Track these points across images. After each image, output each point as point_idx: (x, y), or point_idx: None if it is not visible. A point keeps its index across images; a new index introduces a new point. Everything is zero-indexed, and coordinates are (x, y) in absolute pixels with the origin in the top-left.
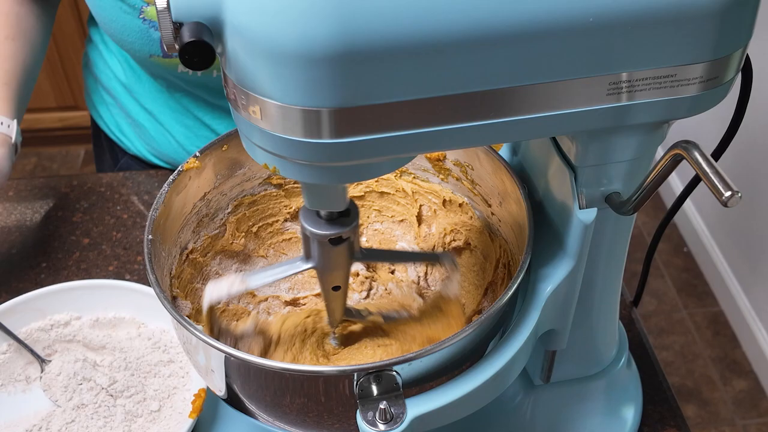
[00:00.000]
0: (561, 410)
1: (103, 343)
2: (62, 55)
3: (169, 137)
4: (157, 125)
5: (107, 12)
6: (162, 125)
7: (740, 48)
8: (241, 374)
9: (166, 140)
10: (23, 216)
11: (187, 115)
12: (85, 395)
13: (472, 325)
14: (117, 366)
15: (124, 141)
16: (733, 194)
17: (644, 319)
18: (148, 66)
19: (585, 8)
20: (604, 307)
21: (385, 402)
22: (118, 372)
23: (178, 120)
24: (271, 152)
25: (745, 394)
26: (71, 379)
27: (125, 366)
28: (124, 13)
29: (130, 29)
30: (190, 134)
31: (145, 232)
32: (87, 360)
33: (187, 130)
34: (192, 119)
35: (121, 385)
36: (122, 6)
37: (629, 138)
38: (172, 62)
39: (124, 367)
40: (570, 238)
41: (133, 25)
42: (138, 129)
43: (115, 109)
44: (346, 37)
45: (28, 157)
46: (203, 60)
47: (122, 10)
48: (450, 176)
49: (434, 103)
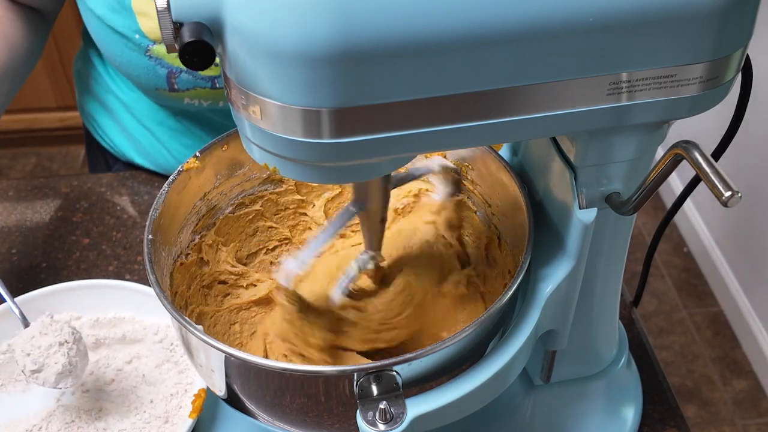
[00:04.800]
0: (561, 410)
1: (102, 343)
2: (62, 55)
3: (166, 153)
4: (155, 141)
5: (112, 47)
6: (160, 142)
7: (740, 48)
8: (241, 374)
9: (161, 155)
10: (23, 216)
11: (188, 135)
12: (85, 395)
13: (472, 325)
14: (116, 366)
15: (117, 150)
16: (733, 194)
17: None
18: (154, 96)
19: (585, 8)
20: (604, 307)
21: (385, 402)
22: (117, 372)
23: (177, 139)
24: (271, 152)
25: (745, 394)
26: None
27: (125, 366)
28: (129, 50)
29: (135, 65)
30: (188, 152)
31: (145, 232)
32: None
33: (186, 149)
34: (192, 138)
35: (120, 385)
36: (128, 44)
37: (629, 138)
38: (178, 95)
39: (123, 367)
40: (570, 238)
41: (139, 62)
42: (134, 143)
43: (109, 121)
44: (346, 37)
45: (28, 157)
46: (203, 60)
47: (128, 47)
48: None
49: (434, 103)
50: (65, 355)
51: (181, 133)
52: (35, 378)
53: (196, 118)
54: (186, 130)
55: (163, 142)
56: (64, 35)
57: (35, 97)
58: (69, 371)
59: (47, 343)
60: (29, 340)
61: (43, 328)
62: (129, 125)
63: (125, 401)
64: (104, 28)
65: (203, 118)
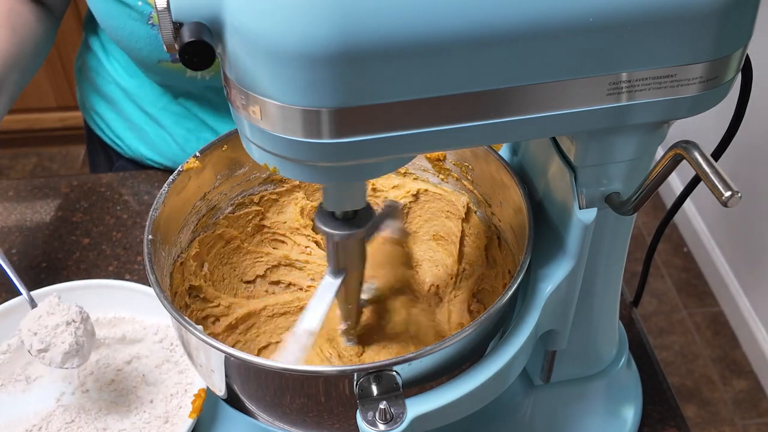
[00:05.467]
0: (561, 410)
1: (102, 343)
2: (62, 55)
3: (170, 140)
4: (158, 128)
5: (114, 20)
6: (163, 128)
7: (740, 48)
8: (241, 374)
9: (165, 143)
10: (23, 216)
11: (190, 118)
12: (85, 395)
13: (472, 325)
14: (116, 366)
15: (120, 145)
16: (733, 194)
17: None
18: (156, 72)
19: (585, 8)
20: (604, 307)
21: (385, 402)
22: (117, 372)
23: (179, 123)
24: (270, 152)
25: (745, 394)
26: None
27: (125, 366)
28: (132, 20)
29: (138, 36)
30: (191, 137)
31: (145, 232)
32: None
33: (189, 133)
34: (194, 122)
35: (120, 385)
36: (130, 13)
37: (629, 138)
38: (181, 67)
39: (123, 367)
40: (570, 238)
41: (141, 32)
42: (137, 132)
43: (112, 114)
44: (346, 37)
45: (28, 157)
46: (203, 60)
47: (130, 17)
48: (450, 176)
49: (434, 103)
50: (72, 335)
51: (184, 117)
52: (42, 357)
53: (197, 99)
54: (188, 113)
55: (166, 127)
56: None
57: (35, 97)
58: (76, 351)
59: (54, 322)
60: (36, 319)
61: (50, 308)
62: (132, 115)
63: (125, 401)
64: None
65: (204, 99)
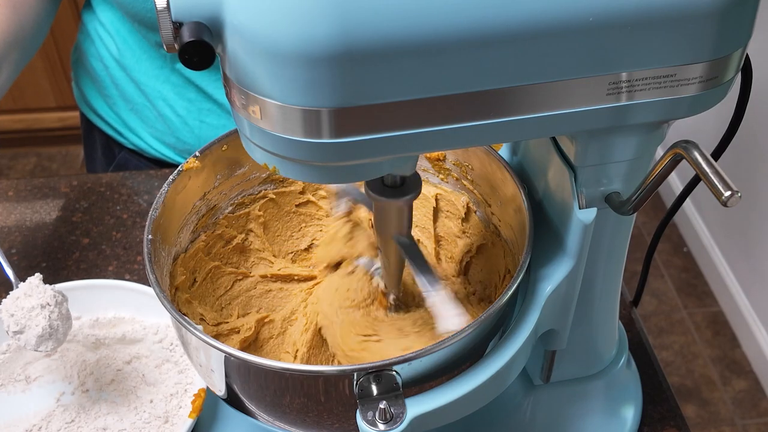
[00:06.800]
0: (561, 410)
1: (102, 343)
2: (62, 55)
3: (171, 113)
4: (159, 104)
5: None
6: (164, 100)
7: (740, 48)
8: (241, 374)
9: (166, 120)
10: (23, 216)
11: (189, 88)
12: (85, 395)
13: (472, 325)
14: (116, 366)
15: (121, 132)
16: (733, 194)
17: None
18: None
19: (585, 8)
20: (604, 307)
21: (385, 402)
22: (117, 372)
23: (179, 94)
24: (270, 152)
25: (745, 394)
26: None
27: (125, 366)
28: None
29: None
30: (193, 108)
31: (145, 232)
32: (86, 360)
33: (190, 104)
34: (194, 92)
35: (120, 385)
36: None
37: (629, 138)
38: None
39: (123, 367)
40: (570, 238)
41: None
42: (137, 114)
43: (111, 99)
44: (346, 37)
45: (28, 157)
46: (203, 60)
47: None
48: (450, 176)
49: (434, 103)
50: (46, 318)
51: (184, 87)
52: (17, 339)
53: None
54: (187, 83)
55: (167, 99)
56: (65, 35)
57: (35, 97)
58: (49, 334)
59: (30, 305)
60: (15, 300)
61: (29, 290)
62: (128, 91)
63: (125, 401)
64: None
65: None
